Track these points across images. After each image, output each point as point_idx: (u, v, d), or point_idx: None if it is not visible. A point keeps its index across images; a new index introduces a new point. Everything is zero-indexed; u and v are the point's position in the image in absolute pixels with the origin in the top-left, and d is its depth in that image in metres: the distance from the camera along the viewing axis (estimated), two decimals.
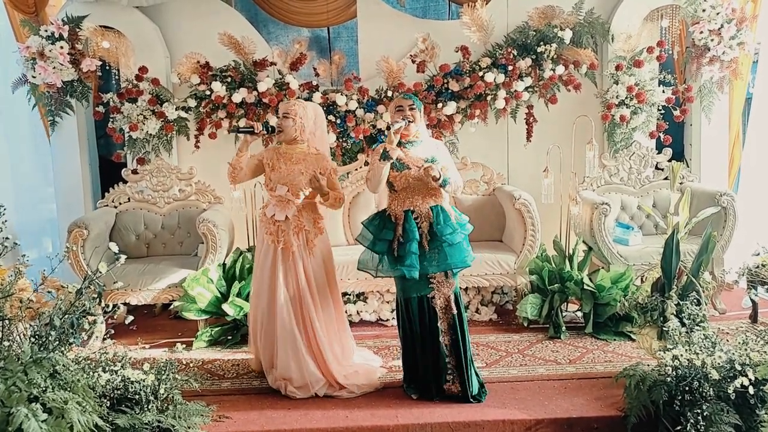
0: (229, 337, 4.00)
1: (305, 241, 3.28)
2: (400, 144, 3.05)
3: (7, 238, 2.16)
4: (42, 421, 1.90)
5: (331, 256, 3.42)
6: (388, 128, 2.96)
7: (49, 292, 2.37)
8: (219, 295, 4.04)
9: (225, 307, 3.91)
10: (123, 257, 2.47)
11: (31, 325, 2.23)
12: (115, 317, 2.56)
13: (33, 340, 2.17)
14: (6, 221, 2.15)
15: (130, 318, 2.54)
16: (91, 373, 2.56)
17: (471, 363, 3.11)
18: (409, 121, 3.02)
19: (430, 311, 3.07)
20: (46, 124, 4.81)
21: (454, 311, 3.06)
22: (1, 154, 4.26)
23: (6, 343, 2.11)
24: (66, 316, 2.20)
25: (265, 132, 3.28)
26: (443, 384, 3.10)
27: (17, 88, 4.65)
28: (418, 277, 2.99)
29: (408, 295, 3.08)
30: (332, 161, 3.42)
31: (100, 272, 2.28)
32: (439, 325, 3.07)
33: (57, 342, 2.16)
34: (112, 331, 2.66)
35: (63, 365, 2.09)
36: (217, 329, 3.98)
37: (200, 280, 4.03)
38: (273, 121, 4.54)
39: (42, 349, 2.12)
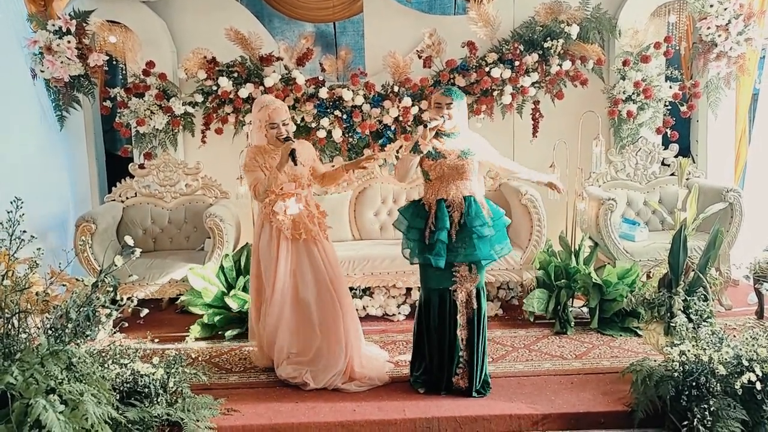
0: (236, 332, 4.01)
1: (319, 226, 3.35)
2: (437, 135, 3.07)
3: (24, 231, 2.19)
4: (59, 413, 1.93)
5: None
6: (424, 125, 2.96)
7: (63, 285, 2.38)
8: (224, 290, 4.06)
9: (227, 300, 3.93)
10: (138, 251, 2.49)
11: (47, 318, 2.25)
12: (125, 311, 2.56)
13: (49, 332, 2.19)
14: (24, 214, 2.17)
15: (145, 311, 2.56)
16: (105, 365, 2.58)
17: (482, 358, 3.13)
18: (446, 119, 3.03)
19: (451, 304, 3.08)
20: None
21: (475, 306, 3.07)
22: (11, 148, 4.27)
23: (23, 336, 2.13)
24: (82, 309, 2.22)
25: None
26: (452, 377, 3.12)
27: (34, 78, 4.63)
28: (443, 267, 3.00)
29: (430, 286, 3.09)
30: None
31: (116, 265, 2.29)
32: (458, 318, 3.08)
33: (73, 335, 2.18)
34: (126, 324, 2.68)
35: (79, 357, 2.12)
36: (219, 317, 3.98)
37: (204, 275, 4.05)
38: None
39: (58, 341, 2.14)
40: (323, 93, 4.68)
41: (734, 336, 3.08)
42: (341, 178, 3.43)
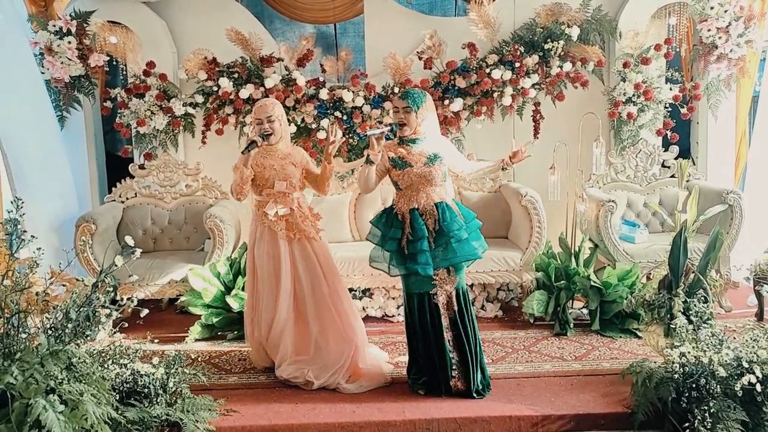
0: (235, 332, 4.01)
1: (312, 227, 3.36)
2: (402, 142, 3.08)
3: (24, 231, 2.19)
4: (59, 413, 1.93)
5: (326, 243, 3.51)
6: (364, 133, 2.97)
7: (63, 285, 2.38)
8: (224, 290, 4.05)
9: (228, 299, 3.93)
10: (138, 251, 2.49)
11: (47, 318, 2.25)
12: (125, 311, 2.56)
13: (49, 332, 2.19)
14: (24, 214, 2.18)
15: (145, 311, 2.56)
16: (105, 365, 2.58)
17: (477, 359, 3.13)
18: (400, 125, 3.03)
19: (432, 307, 3.09)
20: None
21: (455, 308, 3.08)
22: (13, 147, 4.29)
23: (23, 336, 2.13)
24: (82, 309, 2.21)
25: (264, 141, 3.26)
26: (449, 380, 3.12)
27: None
28: (432, 274, 3.02)
29: (412, 292, 3.11)
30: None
31: (116, 266, 2.29)
32: (442, 321, 3.09)
33: (73, 335, 2.18)
34: (126, 325, 2.68)
35: (79, 358, 2.12)
36: (219, 318, 3.98)
37: (204, 276, 4.05)
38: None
39: (58, 341, 2.14)
40: (324, 94, 4.68)
41: (734, 338, 3.08)
42: (329, 172, 3.34)
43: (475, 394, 3.09)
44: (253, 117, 3.31)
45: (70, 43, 4.55)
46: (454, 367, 3.12)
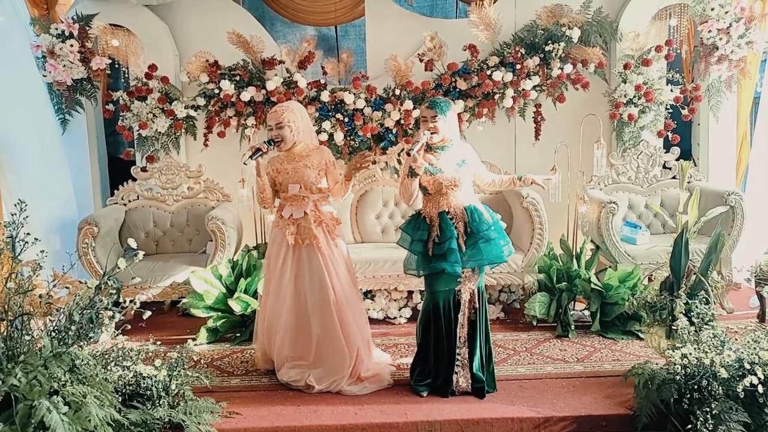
0: (238, 334, 4.01)
1: (327, 233, 3.33)
2: (429, 149, 3.12)
3: (28, 233, 2.19)
4: (62, 414, 1.94)
5: (346, 248, 3.46)
6: (408, 153, 3.03)
7: (66, 287, 2.39)
8: (226, 292, 4.06)
9: (231, 303, 3.93)
10: (141, 253, 2.50)
11: (51, 320, 2.26)
12: (127, 313, 2.57)
13: (53, 334, 2.19)
14: (27, 216, 2.18)
15: (148, 314, 2.57)
16: (108, 367, 2.58)
17: (487, 357, 3.16)
18: (431, 134, 3.07)
19: (455, 304, 3.13)
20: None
21: (477, 305, 3.12)
22: (16, 150, 4.31)
23: (27, 338, 2.14)
24: (85, 311, 2.22)
25: (271, 147, 3.26)
26: (451, 376, 3.14)
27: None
28: (461, 273, 3.06)
29: (436, 290, 3.13)
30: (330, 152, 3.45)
31: (119, 268, 2.30)
32: (459, 316, 3.12)
33: (76, 337, 2.19)
34: (128, 327, 2.68)
35: (82, 360, 2.12)
36: (222, 321, 3.99)
37: (206, 278, 4.06)
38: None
39: (61, 343, 2.15)
40: (325, 96, 4.69)
41: (736, 339, 3.07)
42: (347, 187, 3.36)
43: (487, 389, 3.13)
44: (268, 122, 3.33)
45: (72, 46, 4.57)
46: (458, 363, 3.14)
